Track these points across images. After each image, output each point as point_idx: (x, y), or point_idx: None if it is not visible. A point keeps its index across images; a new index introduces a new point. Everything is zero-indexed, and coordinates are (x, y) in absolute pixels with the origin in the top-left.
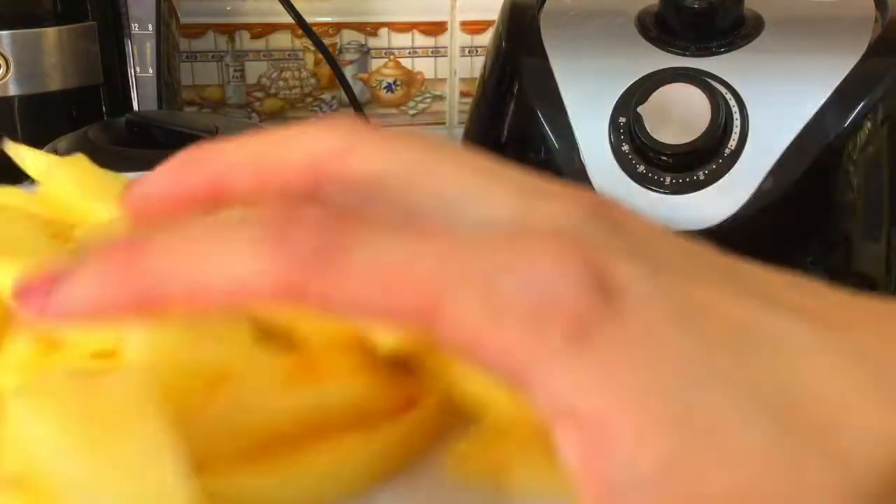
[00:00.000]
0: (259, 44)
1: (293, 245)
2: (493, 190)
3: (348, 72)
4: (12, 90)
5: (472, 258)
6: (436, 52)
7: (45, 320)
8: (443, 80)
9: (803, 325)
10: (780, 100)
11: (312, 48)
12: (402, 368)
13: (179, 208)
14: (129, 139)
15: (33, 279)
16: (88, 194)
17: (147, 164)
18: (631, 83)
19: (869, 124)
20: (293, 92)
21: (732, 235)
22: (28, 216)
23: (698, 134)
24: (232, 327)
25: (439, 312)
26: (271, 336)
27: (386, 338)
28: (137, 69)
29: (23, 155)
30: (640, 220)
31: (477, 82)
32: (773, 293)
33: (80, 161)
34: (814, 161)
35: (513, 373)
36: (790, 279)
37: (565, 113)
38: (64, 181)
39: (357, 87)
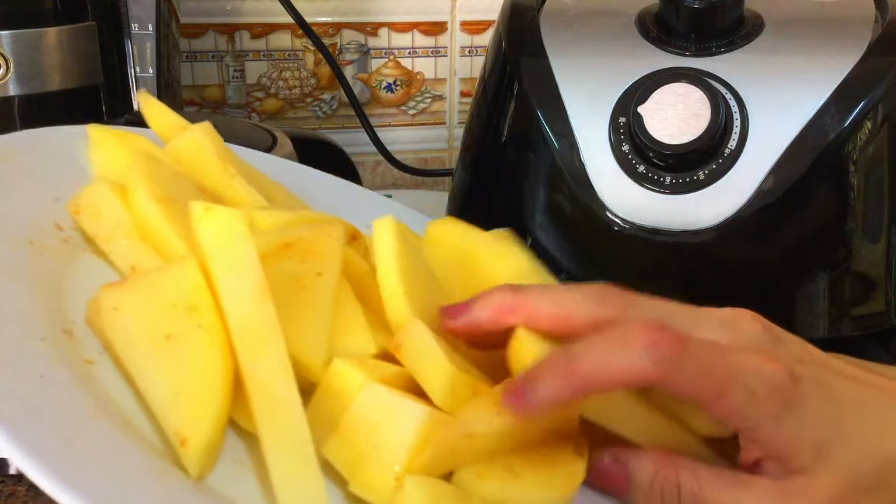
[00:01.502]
0: (259, 44)
1: (660, 352)
2: (703, 320)
3: (348, 72)
4: (12, 90)
5: (738, 369)
6: (436, 52)
7: (523, 413)
8: (443, 80)
9: (885, 395)
10: (780, 100)
11: (312, 48)
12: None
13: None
14: None
15: (513, 385)
16: (226, 160)
17: None
18: (631, 83)
19: (869, 124)
20: (293, 92)
21: (732, 235)
22: (183, 176)
23: (698, 134)
24: None
25: (724, 398)
26: None
27: (706, 426)
28: (137, 69)
29: (152, 108)
30: (775, 327)
31: (477, 82)
32: (857, 374)
33: (208, 127)
34: (814, 161)
35: (752, 428)
36: (859, 361)
37: (565, 113)
38: (203, 144)
39: (357, 87)
